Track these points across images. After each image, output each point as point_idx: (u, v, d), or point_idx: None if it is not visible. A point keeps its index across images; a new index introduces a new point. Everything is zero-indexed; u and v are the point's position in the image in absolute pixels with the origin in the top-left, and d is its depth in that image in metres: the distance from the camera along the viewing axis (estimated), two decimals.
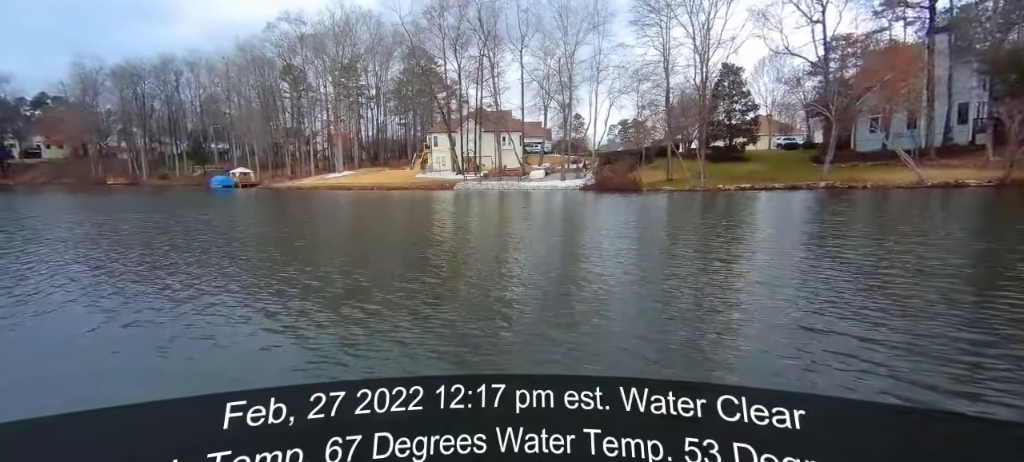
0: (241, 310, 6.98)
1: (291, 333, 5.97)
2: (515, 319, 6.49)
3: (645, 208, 23.89)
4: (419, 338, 5.71)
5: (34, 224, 18.15)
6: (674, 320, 6.40)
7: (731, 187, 33.16)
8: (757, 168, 37.55)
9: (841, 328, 5.78)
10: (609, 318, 6.48)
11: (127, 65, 62.42)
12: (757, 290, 7.74)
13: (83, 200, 33.33)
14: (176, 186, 53.87)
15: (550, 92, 49.50)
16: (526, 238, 14.56)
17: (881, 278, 8.23)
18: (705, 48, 38.67)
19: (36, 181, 59.14)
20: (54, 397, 4.25)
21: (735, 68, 41.42)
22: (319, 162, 59.52)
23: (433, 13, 49.70)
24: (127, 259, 11.06)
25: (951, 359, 4.77)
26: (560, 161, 48.16)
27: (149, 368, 5.10)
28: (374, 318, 6.53)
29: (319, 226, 19.13)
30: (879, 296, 7.16)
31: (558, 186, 40.54)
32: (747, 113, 42.32)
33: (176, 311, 6.92)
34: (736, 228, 16.06)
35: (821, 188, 30.09)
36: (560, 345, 5.47)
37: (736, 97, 41.80)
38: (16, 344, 5.91)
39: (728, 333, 5.93)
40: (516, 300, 7.50)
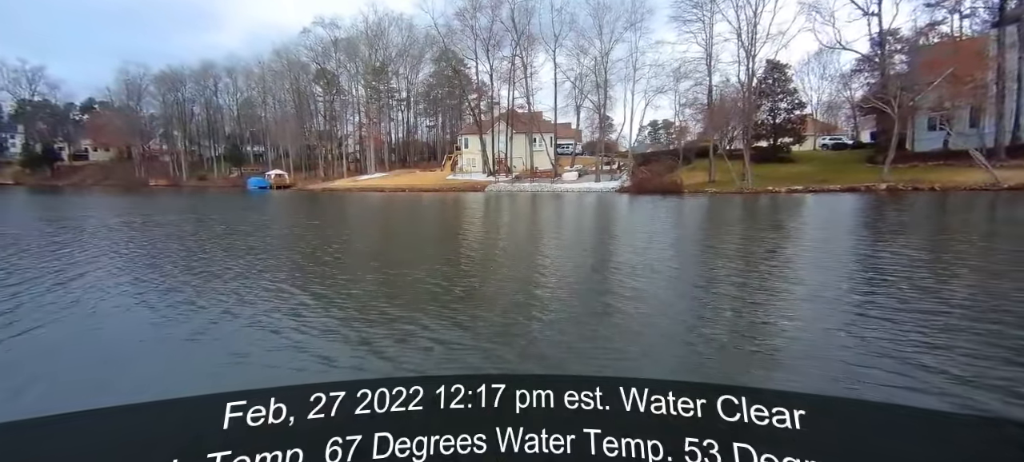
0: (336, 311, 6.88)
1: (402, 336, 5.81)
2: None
3: (697, 213, 22.15)
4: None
5: (126, 226, 18.50)
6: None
7: (781, 189, 32.03)
8: (805, 169, 36.24)
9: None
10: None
11: (169, 71, 66.13)
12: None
13: (134, 201, 34.56)
14: (214, 187, 56.38)
15: (584, 91, 49.31)
16: (591, 249, 12.70)
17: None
18: (752, 43, 37.73)
19: (84, 182, 63.05)
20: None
21: (780, 65, 40.27)
22: (350, 164, 61.12)
23: (466, 14, 50.51)
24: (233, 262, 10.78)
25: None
26: (593, 162, 47.80)
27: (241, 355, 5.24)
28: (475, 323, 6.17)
29: (381, 230, 18.52)
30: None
31: (593, 188, 40.22)
32: (793, 111, 40.97)
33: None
34: (829, 241, 12.95)
35: (882, 190, 28.54)
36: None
37: (781, 95, 40.55)
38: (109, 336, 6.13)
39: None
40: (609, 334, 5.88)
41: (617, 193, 37.11)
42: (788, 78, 41.05)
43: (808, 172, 35.23)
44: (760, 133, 40.24)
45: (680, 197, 32.05)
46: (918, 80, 30.83)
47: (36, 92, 70.67)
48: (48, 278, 8.92)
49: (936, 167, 30.75)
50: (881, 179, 30.28)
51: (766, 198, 29.18)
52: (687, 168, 40.12)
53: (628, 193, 36.35)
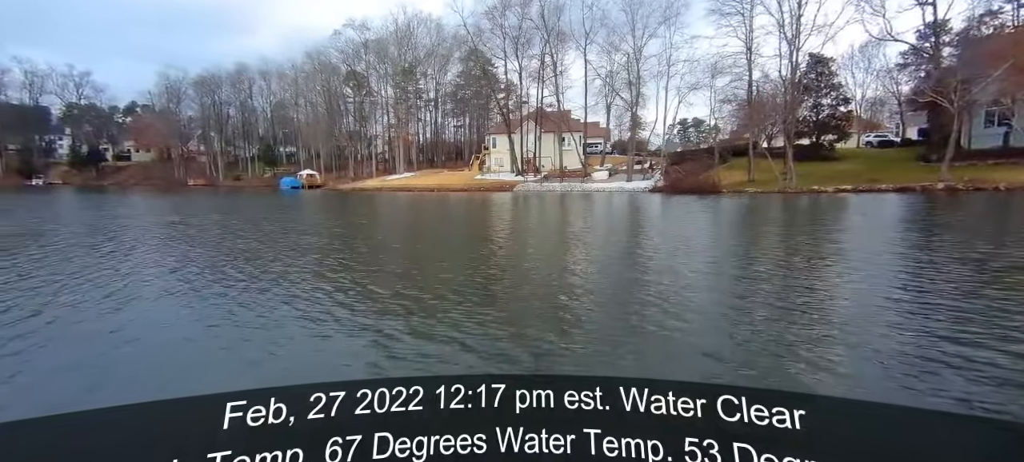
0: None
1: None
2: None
3: (740, 213, 20.86)
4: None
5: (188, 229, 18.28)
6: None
7: (828, 188, 30.95)
8: (851, 167, 34.90)
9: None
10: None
11: (206, 74, 69.09)
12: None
13: (181, 201, 35.20)
14: (248, 187, 58.39)
15: (615, 88, 48.76)
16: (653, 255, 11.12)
17: None
18: (795, 35, 36.58)
19: (127, 182, 66.45)
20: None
21: (824, 58, 38.83)
22: (379, 164, 62.32)
23: (495, 13, 50.76)
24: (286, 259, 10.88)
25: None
26: (623, 161, 47.25)
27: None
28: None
29: (428, 231, 17.95)
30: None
31: (625, 188, 39.77)
32: (838, 107, 39.48)
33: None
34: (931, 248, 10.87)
35: (940, 190, 27.22)
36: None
37: (825, 90, 39.13)
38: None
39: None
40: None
41: (650, 193, 36.59)
42: (832, 72, 39.59)
43: (855, 171, 33.91)
44: (801, 130, 38.97)
45: (718, 197, 31.25)
46: (978, 72, 29.18)
47: (83, 96, 75.30)
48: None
49: (997, 165, 29.12)
50: (938, 178, 28.91)
51: (813, 198, 28.09)
52: (723, 167, 39.20)
53: (662, 193, 35.79)
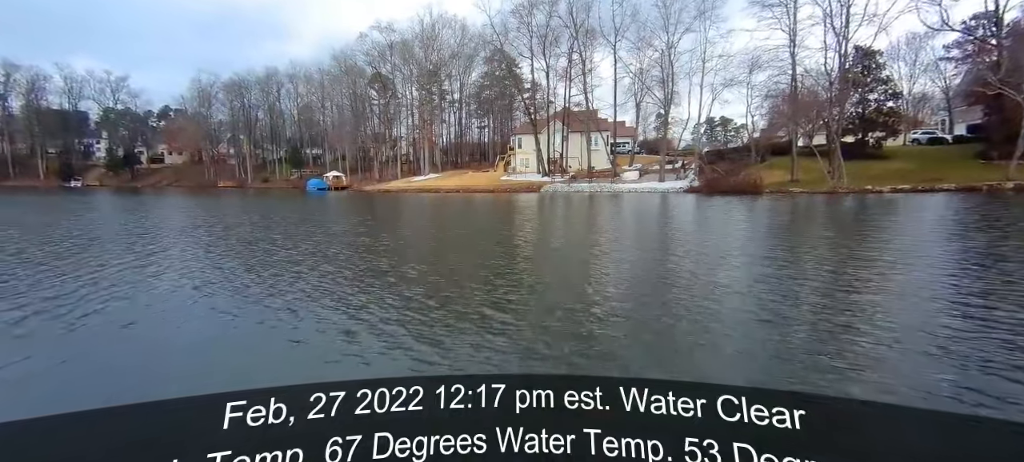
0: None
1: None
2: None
3: (798, 217, 19.24)
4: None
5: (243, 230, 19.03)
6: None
7: (883, 188, 30.03)
8: (904, 166, 33.71)
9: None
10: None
11: (236, 78, 71.54)
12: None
13: (215, 202, 36.25)
14: (276, 189, 60.03)
15: (647, 85, 48.07)
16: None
17: None
18: (845, 26, 35.55)
19: (160, 184, 69.34)
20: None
21: (872, 51, 37.44)
22: (404, 165, 63.23)
23: (522, 11, 50.71)
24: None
25: None
26: (653, 161, 46.61)
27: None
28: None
29: (470, 239, 17.15)
30: None
31: (657, 188, 39.27)
32: (886, 103, 38.02)
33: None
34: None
35: (1009, 190, 26.14)
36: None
37: (872, 84, 37.72)
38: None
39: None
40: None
41: (685, 193, 35.97)
42: (880, 66, 38.15)
43: (908, 169, 32.76)
44: (847, 128, 37.71)
45: (758, 198, 30.46)
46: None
47: (119, 101, 78.75)
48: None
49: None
50: (1006, 177, 27.67)
51: (871, 198, 27.09)
52: (762, 166, 38.25)
53: (698, 193, 35.13)
